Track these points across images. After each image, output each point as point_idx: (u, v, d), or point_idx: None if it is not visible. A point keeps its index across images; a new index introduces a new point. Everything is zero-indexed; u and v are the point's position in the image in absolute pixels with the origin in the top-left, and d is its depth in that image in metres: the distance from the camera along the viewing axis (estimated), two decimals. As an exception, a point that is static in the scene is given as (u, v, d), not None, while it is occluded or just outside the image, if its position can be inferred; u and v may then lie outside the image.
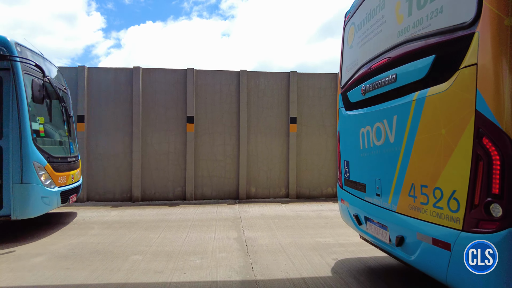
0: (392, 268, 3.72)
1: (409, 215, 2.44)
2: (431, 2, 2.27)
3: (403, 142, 2.52)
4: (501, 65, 1.75)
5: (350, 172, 3.54)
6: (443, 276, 2.10)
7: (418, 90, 2.37)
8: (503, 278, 1.73)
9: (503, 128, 1.71)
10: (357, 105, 3.38)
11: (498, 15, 1.75)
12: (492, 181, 1.76)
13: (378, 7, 3.01)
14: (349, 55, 3.72)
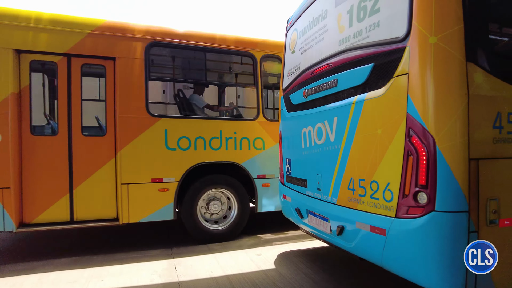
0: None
1: (349, 206, 2.79)
2: (369, 17, 2.65)
3: (343, 140, 2.87)
4: (426, 75, 2.17)
5: (292, 169, 3.84)
6: (379, 259, 2.47)
7: (357, 94, 2.73)
8: (428, 253, 2.13)
9: (428, 128, 2.12)
10: (299, 107, 3.69)
11: (424, 34, 2.17)
12: (419, 173, 2.16)
13: (320, 16, 3.35)
14: (291, 59, 4.03)
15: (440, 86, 2.11)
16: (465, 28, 2.11)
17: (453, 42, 2.11)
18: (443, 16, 2.13)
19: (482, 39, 2.24)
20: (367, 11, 2.67)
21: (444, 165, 2.06)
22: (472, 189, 2.06)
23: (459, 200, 2.05)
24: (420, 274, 2.21)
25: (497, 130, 2.16)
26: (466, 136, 2.07)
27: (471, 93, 2.08)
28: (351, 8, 2.87)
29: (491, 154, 2.14)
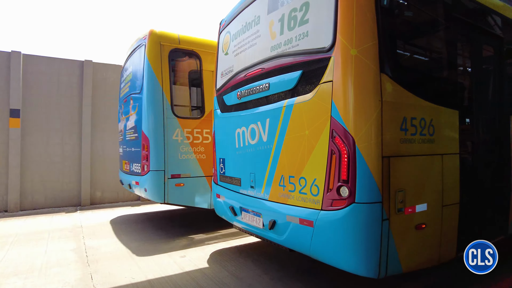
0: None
1: (280, 201, 2.99)
2: (299, 26, 2.89)
3: (275, 141, 3.07)
4: (348, 83, 2.46)
5: (226, 168, 3.93)
6: (307, 248, 2.71)
7: (287, 98, 2.95)
8: (349, 240, 2.43)
9: (349, 130, 2.41)
10: (233, 108, 3.80)
11: (346, 46, 2.46)
12: (341, 170, 2.45)
13: (253, 22, 3.51)
14: (224, 61, 4.12)
15: (359, 93, 2.42)
16: (379, 43, 2.46)
17: (369, 55, 2.44)
18: (361, 32, 2.45)
19: (391, 54, 2.63)
20: (297, 21, 2.91)
21: (362, 162, 2.37)
22: (385, 182, 2.41)
23: (374, 192, 2.38)
24: (343, 259, 2.50)
25: (403, 132, 2.56)
26: (380, 137, 2.41)
27: (383, 100, 2.43)
28: (283, 16, 3.08)
29: (399, 152, 2.53)
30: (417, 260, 2.68)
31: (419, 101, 2.70)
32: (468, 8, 3.42)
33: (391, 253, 2.44)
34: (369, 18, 2.46)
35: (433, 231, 2.75)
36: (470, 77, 3.51)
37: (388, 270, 2.44)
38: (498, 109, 3.64)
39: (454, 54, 3.20)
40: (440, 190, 2.81)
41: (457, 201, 2.94)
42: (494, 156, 3.62)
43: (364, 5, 2.46)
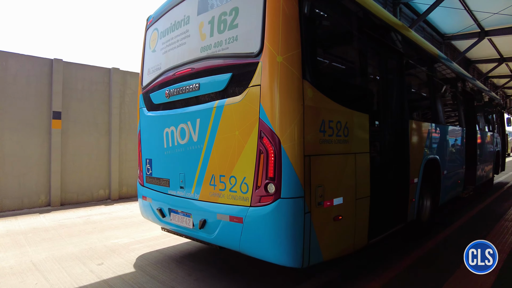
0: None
1: (210, 200, 3.05)
2: (229, 30, 2.99)
3: (205, 141, 3.12)
4: (274, 88, 2.64)
5: (153, 169, 3.84)
6: (237, 245, 2.82)
7: (218, 99, 3.02)
8: (276, 233, 2.60)
9: (275, 131, 2.59)
10: (161, 106, 3.73)
11: (273, 53, 2.63)
12: (269, 168, 2.61)
13: (183, 21, 3.51)
14: (151, 58, 4.02)
15: (284, 97, 2.61)
16: (302, 52, 2.68)
17: (293, 62, 2.64)
18: (287, 40, 2.64)
19: (312, 62, 2.88)
20: (227, 25, 3.00)
21: (287, 161, 2.57)
22: (306, 179, 2.64)
23: (297, 188, 2.59)
24: (270, 252, 2.67)
25: (322, 133, 2.83)
26: (302, 137, 2.63)
27: (305, 104, 2.66)
28: (213, 19, 3.15)
29: (318, 152, 2.79)
30: (335, 249, 3.00)
31: (335, 106, 3.01)
32: (376, 24, 3.91)
33: (313, 244, 2.68)
34: (293, 27, 2.67)
35: (348, 222, 3.10)
36: (378, 85, 4.01)
37: (311, 259, 2.68)
38: (400, 114, 4.23)
39: (365, 64, 3.63)
40: (353, 185, 3.17)
41: (368, 195, 3.36)
42: (396, 154, 4.19)
43: (289, 15, 2.66)
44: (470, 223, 5.72)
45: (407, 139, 4.25)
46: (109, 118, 8.35)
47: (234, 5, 2.96)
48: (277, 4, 2.65)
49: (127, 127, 8.67)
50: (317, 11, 3.13)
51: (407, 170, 4.21)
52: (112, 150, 8.31)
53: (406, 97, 4.30)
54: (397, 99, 4.22)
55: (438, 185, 5.29)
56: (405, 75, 4.36)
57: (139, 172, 4.15)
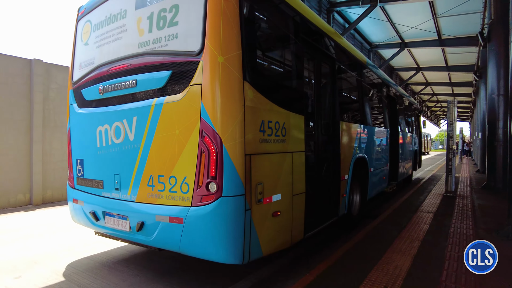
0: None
1: (148, 202, 2.97)
2: (168, 27, 2.94)
3: (143, 140, 3.02)
4: (215, 88, 2.66)
5: (85, 170, 3.60)
6: (177, 246, 2.79)
7: (156, 97, 2.95)
8: (218, 231, 2.63)
9: (217, 131, 2.62)
10: (94, 103, 3.52)
11: (214, 53, 2.66)
12: (210, 167, 2.63)
13: (119, 15, 3.35)
14: (83, 51, 3.76)
15: (226, 97, 2.66)
16: (242, 53, 2.75)
17: (234, 63, 2.70)
18: (228, 41, 2.69)
19: (252, 64, 2.97)
20: (167, 21, 2.95)
21: (229, 160, 2.62)
22: (247, 177, 2.71)
23: (239, 186, 2.65)
24: (211, 250, 2.69)
25: (262, 133, 2.93)
26: (243, 137, 2.70)
27: (246, 105, 2.74)
28: (152, 15, 3.06)
29: (258, 151, 2.88)
30: (274, 244, 3.12)
31: (274, 107, 3.14)
32: (312, 30, 4.15)
33: (253, 240, 2.77)
34: (234, 29, 2.73)
35: (286, 217, 3.25)
36: (312, 88, 4.27)
37: (251, 255, 2.77)
38: (332, 115, 4.54)
39: (301, 68, 3.83)
40: (290, 182, 3.34)
41: (304, 191, 3.56)
42: (329, 153, 4.50)
43: (230, 17, 2.71)
44: (393, 215, 6.31)
45: (338, 139, 4.58)
46: (31, 115, 7.55)
47: (174, 2, 2.92)
48: (218, 5, 2.68)
49: (52, 124, 7.92)
50: (257, 15, 3.23)
51: (338, 167, 4.55)
52: (34, 150, 7.53)
53: (337, 100, 4.64)
54: (329, 101, 4.53)
55: (366, 181, 5.79)
56: (336, 80, 4.70)
57: (69, 173, 3.85)
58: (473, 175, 13.88)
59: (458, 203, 7.42)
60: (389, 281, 3.27)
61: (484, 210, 6.79)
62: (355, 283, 3.23)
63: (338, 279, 3.35)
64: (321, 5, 13.47)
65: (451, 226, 5.39)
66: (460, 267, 3.61)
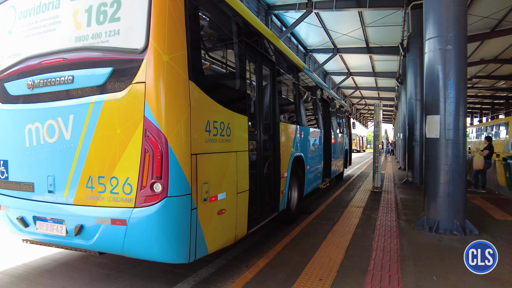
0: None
1: (88, 204, 2.85)
2: (109, 23, 2.84)
3: (80, 139, 2.89)
4: (160, 87, 2.66)
5: (10, 172, 3.30)
6: (120, 248, 2.73)
7: (96, 94, 2.84)
8: (163, 231, 2.64)
9: (162, 130, 2.62)
10: (21, 99, 3.24)
11: (159, 52, 2.65)
12: (155, 167, 2.63)
13: (51, 4, 3.13)
14: (5, 41, 3.43)
15: (171, 97, 2.68)
16: (188, 53, 2.79)
17: (179, 63, 2.73)
18: (173, 41, 2.71)
19: (197, 64, 3.02)
20: (107, 17, 2.85)
21: (174, 159, 2.64)
22: (193, 176, 2.76)
23: (184, 186, 2.69)
24: (157, 251, 2.69)
25: (207, 132, 3.00)
26: (189, 136, 2.75)
27: (192, 105, 2.78)
28: (90, 8, 2.94)
29: (204, 150, 2.95)
30: (219, 241, 3.22)
31: (219, 107, 3.23)
32: (254, 33, 4.32)
33: (199, 238, 2.83)
34: (180, 29, 2.76)
35: (231, 215, 3.36)
36: (255, 90, 4.44)
37: (197, 253, 2.83)
38: (272, 116, 4.77)
39: (244, 70, 3.97)
40: (235, 181, 3.46)
41: (247, 189, 3.70)
42: (269, 152, 4.73)
43: (175, 16, 2.73)
44: (326, 211, 6.73)
45: (278, 139, 4.83)
46: None
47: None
48: (163, 4, 2.69)
49: None
50: (201, 15, 3.28)
51: (278, 166, 4.80)
52: None
53: (277, 101, 4.88)
54: (270, 103, 4.76)
55: (303, 179, 6.16)
56: (276, 82, 4.94)
57: (-12, 176, 3.48)
58: (396, 172, 15.37)
59: (384, 198, 8.17)
60: (324, 274, 3.53)
61: (405, 203, 7.59)
62: (292, 278, 3.42)
63: (277, 275, 3.51)
64: (259, 7, 13.83)
65: (377, 219, 5.94)
66: (385, 256, 4.04)
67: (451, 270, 3.71)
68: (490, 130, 21.98)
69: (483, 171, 9.36)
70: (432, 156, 5.28)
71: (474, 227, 5.12)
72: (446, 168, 5.12)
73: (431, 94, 5.33)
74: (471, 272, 3.34)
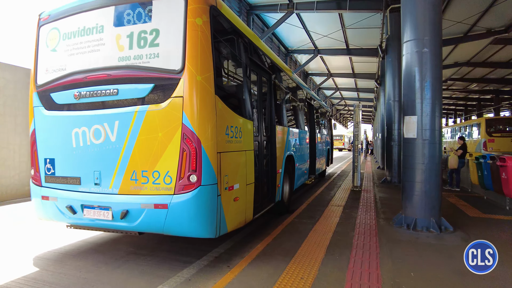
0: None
1: (132, 193, 3.76)
2: (150, 47, 3.77)
3: (125, 141, 3.79)
4: (194, 100, 3.62)
5: (57, 168, 4.14)
6: (161, 227, 3.66)
7: (139, 105, 3.77)
8: (197, 212, 3.60)
9: (197, 134, 3.58)
10: (67, 107, 4.09)
11: (193, 73, 3.61)
12: (191, 163, 3.58)
13: (95, 29, 4.01)
14: (50, 57, 4.27)
15: (203, 108, 3.65)
16: (214, 74, 3.77)
17: (209, 81, 3.71)
18: (204, 64, 3.68)
19: (219, 82, 4.00)
20: (147, 42, 3.78)
21: (206, 156, 3.61)
22: (218, 170, 3.75)
23: (213, 177, 3.67)
24: (192, 228, 3.65)
25: (227, 135, 4.00)
26: (215, 138, 3.73)
27: (217, 114, 3.77)
28: (131, 34, 3.85)
29: (225, 149, 3.94)
30: (235, 222, 4.21)
31: (234, 115, 4.23)
32: (257, 53, 5.34)
33: (222, 219, 3.82)
34: (208, 55, 3.73)
35: (242, 202, 4.37)
36: (256, 98, 5.46)
37: (221, 231, 3.81)
38: (270, 120, 5.82)
39: (250, 84, 4.99)
40: (245, 174, 4.47)
41: (253, 181, 4.73)
42: (268, 151, 5.77)
43: (205, 45, 3.70)
44: (308, 209, 7.31)
45: (274, 140, 5.88)
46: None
47: (155, 27, 3.77)
48: (196, 35, 3.65)
49: None
50: (222, 43, 4.25)
51: (275, 163, 5.86)
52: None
53: (273, 107, 5.93)
54: (268, 108, 5.80)
55: (293, 174, 7.28)
56: (272, 90, 6.00)
57: (34, 172, 4.30)
58: (375, 171, 16.72)
59: (363, 197, 8.85)
60: (305, 272, 3.83)
61: (383, 202, 8.23)
62: (274, 277, 3.72)
63: (259, 275, 3.80)
64: (241, 7, 14.61)
65: (357, 217, 6.45)
66: (365, 254, 4.41)
67: (427, 266, 4.09)
68: (464, 130, 23.60)
69: (457, 170, 10.14)
70: (410, 155, 5.75)
71: (449, 224, 5.54)
72: (423, 167, 5.57)
73: (408, 95, 5.78)
74: (446, 268, 3.92)
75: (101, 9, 4.03)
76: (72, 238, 5.15)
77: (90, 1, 4.10)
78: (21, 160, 8.91)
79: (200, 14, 3.69)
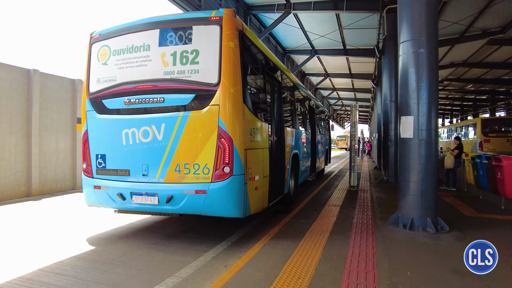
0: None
1: (176, 182, 4.95)
2: (191, 64, 4.97)
3: (171, 139, 4.97)
4: (227, 107, 4.82)
5: (107, 163, 5.31)
6: (200, 209, 4.86)
7: (182, 111, 4.96)
8: (230, 197, 4.81)
9: (229, 134, 4.78)
10: (117, 111, 5.27)
11: (227, 86, 4.82)
12: (225, 157, 4.78)
13: (142, 47, 5.20)
14: (101, 69, 5.46)
15: (235, 114, 4.86)
16: (243, 86, 4.99)
17: (239, 92, 4.93)
18: (235, 79, 4.89)
19: (245, 92, 5.21)
20: (189, 60, 4.99)
21: (236, 152, 4.83)
22: (244, 163, 4.96)
23: (241, 169, 4.89)
24: (225, 210, 4.86)
25: (251, 136, 5.23)
26: (243, 138, 4.95)
27: (244, 118, 4.99)
28: (175, 53, 5.05)
29: (249, 147, 5.17)
30: (256, 207, 5.43)
31: (255, 119, 5.47)
32: (273, 68, 6.59)
33: (247, 203, 5.04)
34: (238, 71, 4.96)
35: (261, 191, 5.61)
36: (270, 104, 6.71)
37: (246, 212, 5.04)
38: (280, 123, 7.08)
39: (265, 92, 6.24)
40: (262, 168, 5.71)
41: (268, 174, 5.98)
42: (278, 149, 7.04)
43: (236, 63, 4.92)
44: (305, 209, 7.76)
45: (284, 139, 7.16)
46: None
47: (195, 48, 4.98)
48: (229, 55, 4.87)
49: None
50: (248, 61, 5.46)
51: (284, 159, 7.14)
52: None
53: (283, 111, 7.21)
54: (278, 113, 7.06)
55: (298, 171, 8.58)
56: (281, 97, 7.28)
57: (86, 166, 5.47)
58: (372, 171, 17.76)
59: (360, 197, 9.33)
60: (302, 272, 3.97)
61: (380, 202, 8.64)
62: (271, 277, 3.86)
63: (256, 274, 3.94)
64: (238, 7, 15.30)
65: (354, 217, 6.82)
66: (362, 254, 4.61)
67: (424, 266, 4.26)
68: (460, 130, 24.79)
69: (453, 170, 10.67)
70: (406, 155, 6.03)
71: (445, 224, 5.79)
72: (419, 167, 5.85)
73: (405, 96, 6.07)
74: (442, 267, 4.13)
75: (148, 31, 5.23)
76: (120, 222, 6.27)
77: (138, 24, 5.30)
78: (17, 160, 9.34)
79: (233, 38, 4.91)
